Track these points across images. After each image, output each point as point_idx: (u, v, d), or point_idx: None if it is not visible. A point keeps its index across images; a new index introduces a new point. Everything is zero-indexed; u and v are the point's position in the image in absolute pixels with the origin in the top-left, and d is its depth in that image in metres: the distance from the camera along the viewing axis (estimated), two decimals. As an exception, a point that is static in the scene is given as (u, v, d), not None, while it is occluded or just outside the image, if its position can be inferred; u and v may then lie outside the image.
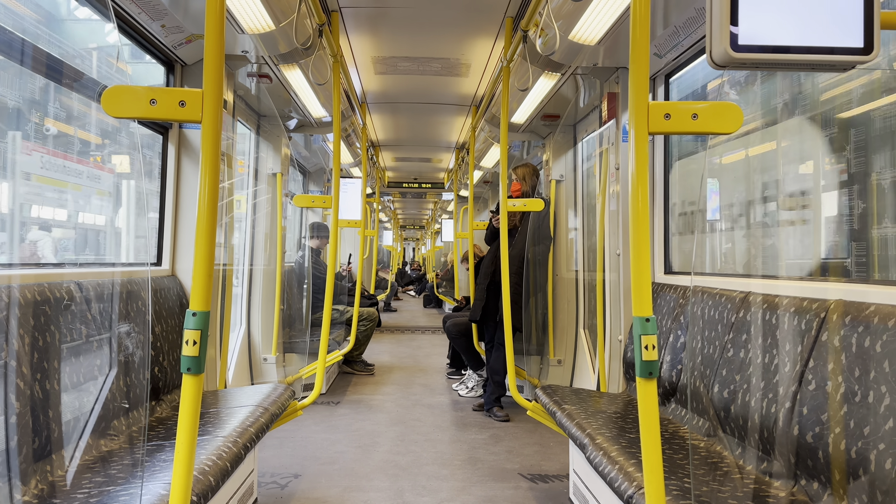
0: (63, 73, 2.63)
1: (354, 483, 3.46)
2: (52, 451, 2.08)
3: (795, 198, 3.05)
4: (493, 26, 4.11)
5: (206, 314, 1.53)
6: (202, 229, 1.54)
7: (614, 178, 3.73)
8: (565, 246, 5.37)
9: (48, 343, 2.14)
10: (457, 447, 4.15)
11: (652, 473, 1.53)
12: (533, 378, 5.11)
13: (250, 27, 3.21)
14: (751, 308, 2.46)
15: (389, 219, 19.14)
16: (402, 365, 7.42)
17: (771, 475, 2.13)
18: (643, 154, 1.54)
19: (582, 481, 3.06)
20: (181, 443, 1.53)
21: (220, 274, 3.63)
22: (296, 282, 5.85)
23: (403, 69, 5.09)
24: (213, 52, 1.55)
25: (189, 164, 3.56)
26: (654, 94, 3.66)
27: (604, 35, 3.24)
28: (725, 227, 3.64)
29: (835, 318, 1.97)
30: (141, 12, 2.94)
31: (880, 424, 1.68)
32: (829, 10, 1.37)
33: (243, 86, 4.33)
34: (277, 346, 4.98)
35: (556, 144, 5.49)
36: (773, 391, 2.18)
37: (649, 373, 1.52)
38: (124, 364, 2.65)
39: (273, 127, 5.17)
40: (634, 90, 1.54)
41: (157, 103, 1.55)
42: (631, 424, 2.76)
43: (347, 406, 5.28)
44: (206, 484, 2.00)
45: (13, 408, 1.91)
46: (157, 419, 2.83)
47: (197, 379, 1.54)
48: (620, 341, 3.67)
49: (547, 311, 5.24)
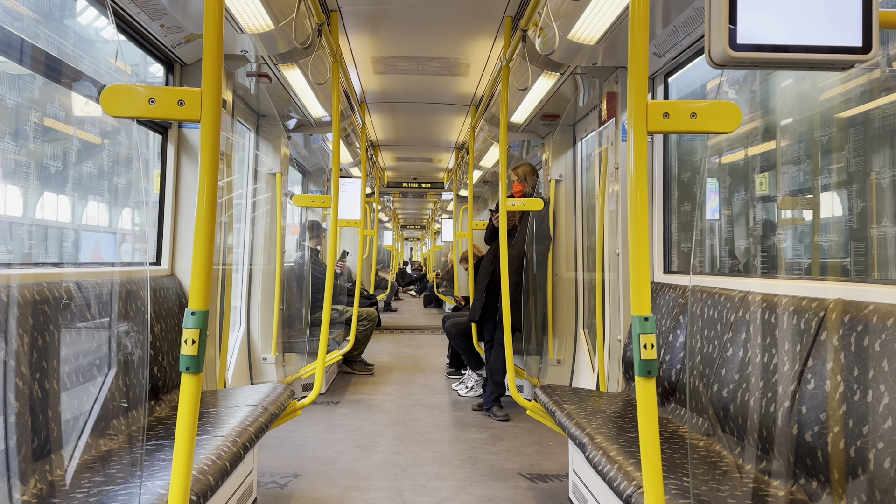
0: (62, 73, 2.63)
1: (354, 483, 3.46)
2: (51, 451, 2.08)
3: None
4: (493, 26, 4.11)
5: (205, 313, 1.53)
6: (201, 229, 1.54)
7: (613, 177, 3.73)
8: (565, 245, 5.37)
9: (47, 342, 2.14)
10: (456, 447, 4.15)
11: (651, 473, 1.53)
12: (532, 378, 5.11)
13: (249, 27, 3.21)
14: (750, 307, 2.46)
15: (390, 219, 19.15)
16: (402, 365, 7.42)
17: (770, 474, 2.13)
18: (642, 153, 1.54)
19: (581, 481, 3.06)
20: (180, 442, 1.53)
21: (220, 273, 3.63)
22: (295, 281, 5.85)
23: (403, 69, 5.09)
24: (211, 51, 1.55)
25: (188, 164, 3.56)
26: (653, 94, 3.67)
27: (603, 34, 3.24)
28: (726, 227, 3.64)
29: (834, 318, 1.97)
30: (140, 12, 2.94)
31: (879, 423, 1.68)
32: (827, 9, 1.37)
33: (242, 85, 4.33)
34: (277, 346, 4.98)
35: (556, 144, 5.49)
36: (772, 390, 2.18)
37: (648, 372, 1.52)
38: (123, 363, 2.65)
39: (272, 127, 5.17)
40: (633, 89, 1.54)
41: (155, 103, 1.55)
42: (630, 424, 2.76)
43: (347, 406, 5.28)
44: (206, 483, 2.00)
45: (12, 407, 1.91)
46: (156, 419, 2.83)
47: (196, 378, 1.54)
48: (620, 341, 3.67)
49: (546, 310, 5.24)
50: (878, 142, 2.39)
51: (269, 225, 5.16)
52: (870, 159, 2.43)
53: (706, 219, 3.67)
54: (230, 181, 3.81)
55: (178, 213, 3.55)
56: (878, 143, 2.39)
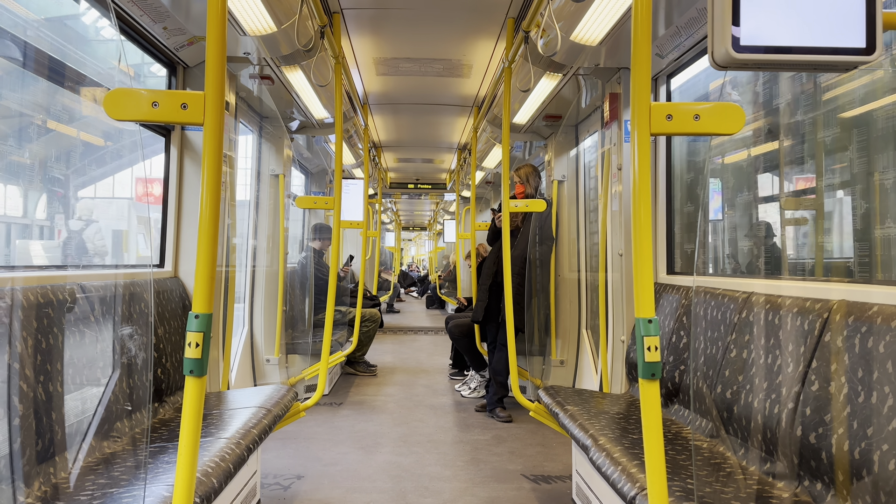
0: (65, 76, 2.64)
1: (357, 484, 3.46)
2: (55, 454, 2.08)
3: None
4: (495, 27, 4.11)
5: (209, 316, 1.53)
6: (204, 231, 1.55)
7: (616, 178, 3.73)
8: (567, 246, 5.37)
9: (51, 345, 2.15)
10: (459, 448, 4.15)
11: (655, 474, 1.53)
12: (535, 379, 5.11)
13: (252, 29, 3.21)
14: (753, 308, 2.46)
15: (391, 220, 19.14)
16: (405, 366, 7.42)
17: (774, 476, 2.13)
18: (645, 155, 1.54)
19: (585, 482, 3.06)
20: (184, 444, 1.53)
21: (223, 275, 3.63)
22: (298, 283, 5.85)
23: (405, 70, 5.09)
24: (214, 54, 1.55)
25: (191, 166, 3.56)
26: (655, 95, 3.66)
27: (605, 36, 3.24)
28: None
29: (837, 319, 1.96)
30: (143, 14, 2.94)
31: (883, 425, 1.68)
32: (831, 11, 1.37)
33: (245, 87, 4.33)
34: (280, 348, 4.99)
35: (558, 145, 5.49)
36: (775, 392, 2.17)
37: (652, 374, 1.52)
38: (127, 366, 2.65)
39: (275, 128, 5.18)
40: (636, 91, 1.53)
41: (159, 106, 1.55)
42: (634, 425, 2.76)
43: (350, 407, 5.28)
44: (209, 486, 2.00)
45: (16, 410, 1.91)
46: (159, 421, 2.83)
47: (200, 381, 1.54)
48: (623, 342, 3.67)
49: (549, 311, 5.24)
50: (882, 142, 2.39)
51: (272, 226, 5.16)
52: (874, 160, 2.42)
53: (709, 219, 3.67)
54: (233, 183, 3.81)
55: (182, 215, 3.56)
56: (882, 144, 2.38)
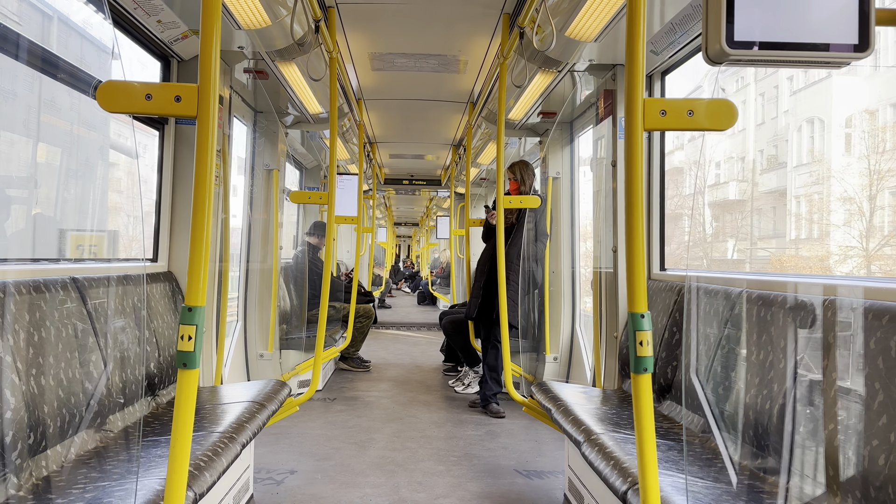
0: (59, 68, 2.62)
1: (350, 479, 3.46)
2: (47, 447, 2.08)
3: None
4: (490, 22, 4.11)
5: (202, 309, 1.53)
6: (197, 225, 1.54)
7: (610, 174, 3.73)
8: (561, 242, 5.38)
9: (43, 338, 2.14)
10: (452, 443, 4.16)
11: (647, 469, 1.53)
12: (529, 375, 5.12)
13: (247, 23, 3.20)
14: (746, 304, 2.47)
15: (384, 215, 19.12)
16: (399, 362, 7.42)
17: (765, 471, 2.14)
18: (638, 150, 1.54)
19: (577, 477, 3.07)
20: (177, 438, 1.53)
21: (216, 270, 3.62)
22: (292, 278, 5.85)
23: (400, 65, 5.08)
24: (208, 47, 1.55)
25: (185, 160, 3.55)
26: (650, 91, 3.67)
27: (600, 32, 3.24)
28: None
29: (829, 315, 1.98)
30: (137, 7, 2.93)
31: (874, 420, 1.69)
32: (824, 7, 1.38)
33: (239, 81, 4.31)
34: (273, 343, 4.98)
35: (553, 141, 5.50)
36: (767, 387, 2.19)
37: (644, 369, 1.52)
38: (120, 359, 2.64)
39: (269, 123, 5.16)
40: (630, 87, 1.54)
41: (152, 98, 1.54)
42: (626, 420, 2.77)
43: (343, 402, 5.28)
44: (202, 480, 2.00)
45: (8, 403, 1.90)
46: (152, 415, 2.83)
47: (192, 374, 1.54)
48: (616, 337, 3.68)
49: (543, 307, 5.25)
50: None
51: (266, 221, 5.15)
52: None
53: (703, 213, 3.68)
54: (227, 178, 3.80)
55: (175, 210, 3.54)
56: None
